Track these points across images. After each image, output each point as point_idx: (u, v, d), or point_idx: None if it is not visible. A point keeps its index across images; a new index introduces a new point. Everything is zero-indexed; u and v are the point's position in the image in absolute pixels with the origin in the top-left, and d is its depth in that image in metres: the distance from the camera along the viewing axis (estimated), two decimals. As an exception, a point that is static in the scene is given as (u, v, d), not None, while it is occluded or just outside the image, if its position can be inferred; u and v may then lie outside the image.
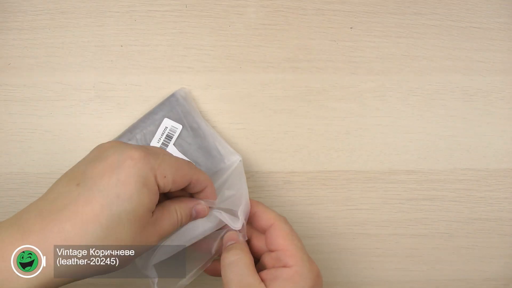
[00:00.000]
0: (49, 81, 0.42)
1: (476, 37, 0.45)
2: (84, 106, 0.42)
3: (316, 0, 0.45)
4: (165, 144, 0.40)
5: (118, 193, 0.26)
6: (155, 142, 0.40)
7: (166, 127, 0.40)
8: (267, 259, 0.34)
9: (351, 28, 0.45)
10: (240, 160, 0.40)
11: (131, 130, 0.40)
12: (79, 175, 0.27)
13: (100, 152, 0.28)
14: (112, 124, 0.42)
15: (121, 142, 0.30)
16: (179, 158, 0.32)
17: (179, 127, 0.40)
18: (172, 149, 0.40)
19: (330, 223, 0.44)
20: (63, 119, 0.42)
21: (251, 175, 0.43)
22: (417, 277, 0.44)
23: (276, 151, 0.43)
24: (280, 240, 0.32)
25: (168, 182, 0.29)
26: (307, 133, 0.43)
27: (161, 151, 0.30)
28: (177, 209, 0.31)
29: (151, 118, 0.40)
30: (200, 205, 0.33)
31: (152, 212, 0.29)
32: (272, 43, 0.44)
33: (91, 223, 0.25)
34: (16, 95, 0.42)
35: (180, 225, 0.32)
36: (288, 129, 0.43)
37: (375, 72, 0.44)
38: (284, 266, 0.31)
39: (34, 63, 0.42)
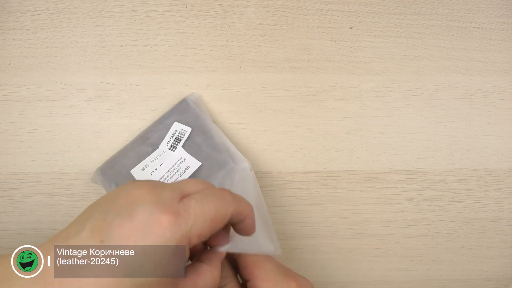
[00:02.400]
0: (49, 81, 0.42)
1: (476, 37, 0.45)
2: (84, 106, 0.42)
3: (316, 0, 0.45)
4: (173, 146, 0.39)
5: (141, 263, 0.24)
6: (164, 145, 0.39)
7: (176, 130, 0.40)
8: None
9: (351, 28, 0.45)
10: (250, 169, 0.39)
11: (143, 135, 0.41)
12: (104, 228, 0.24)
13: (128, 204, 0.25)
14: (112, 124, 0.42)
15: (152, 190, 0.25)
16: (216, 198, 0.27)
17: (188, 129, 0.40)
18: (180, 150, 0.39)
19: (330, 223, 0.44)
20: (63, 119, 0.42)
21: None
22: (417, 277, 0.44)
23: (276, 151, 0.43)
24: (249, 269, 0.31)
25: (205, 237, 0.26)
26: (307, 133, 0.43)
27: (195, 202, 0.26)
28: (213, 272, 0.28)
29: (162, 123, 0.41)
30: (223, 253, 0.30)
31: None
32: (272, 43, 0.44)
33: None
34: (16, 95, 0.42)
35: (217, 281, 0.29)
36: (288, 129, 0.43)
37: (375, 72, 0.44)
38: None
39: (34, 63, 0.42)
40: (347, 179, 0.44)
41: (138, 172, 0.39)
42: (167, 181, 0.38)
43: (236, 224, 0.29)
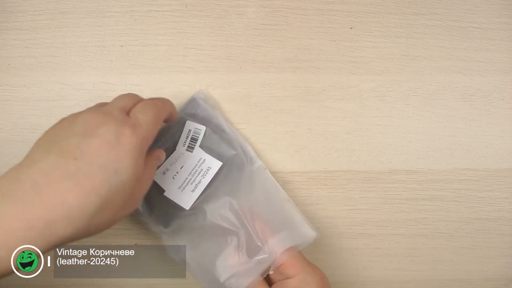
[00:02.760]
0: (49, 81, 0.42)
1: (476, 37, 0.45)
2: (84, 106, 0.42)
3: (316, 0, 0.45)
4: (190, 147, 0.39)
5: (116, 168, 0.28)
6: (181, 146, 0.39)
7: (190, 130, 0.40)
8: (273, 275, 0.35)
9: (351, 28, 0.45)
10: (265, 168, 0.40)
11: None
12: (73, 149, 0.28)
13: (90, 129, 0.29)
14: (112, 124, 0.42)
15: (105, 115, 0.30)
16: (153, 107, 0.33)
17: (203, 128, 0.40)
18: (198, 151, 0.39)
19: (330, 223, 0.44)
20: (63, 119, 0.42)
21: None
22: (417, 277, 0.44)
23: (276, 151, 0.43)
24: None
25: (153, 138, 0.32)
26: (307, 133, 0.43)
27: (140, 115, 0.32)
28: (149, 165, 0.33)
29: (174, 124, 0.40)
30: (157, 151, 0.36)
31: None
32: (272, 43, 0.44)
33: (92, 195, 0.27)
34: (16, 95, 0.42)
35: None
36: (288, 129, 0.43)
37: (375, 72, 0.44)
38: (288, 278, 0.34)
39: (34, 63, 0.42)
40: (347, 179, 0.44)
41: (160, 177, 0.39)
42: (191, 183, 0.38)
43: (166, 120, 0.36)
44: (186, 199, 0.38)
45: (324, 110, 0.44)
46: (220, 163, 0.39)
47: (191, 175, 0.39)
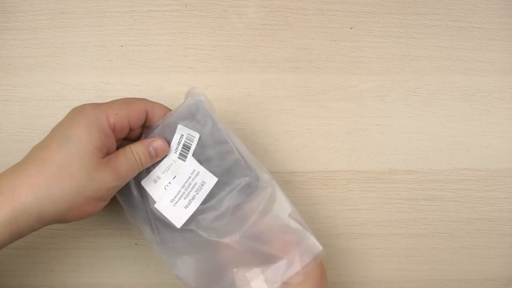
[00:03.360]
0: (49, 81, 0.42)
1: (476, 37, 0.45)
2: (84, 106, 0.42)
3: (316, 0, 0.45)
4: (183, 155, 0.35)
5: (69, 135, 0.30)
6: (172, 153, 0.35)
7: (182, 135, 0.35)
8: None
9: (351, 28, 0.45)
10: (271, 178, 0.36)
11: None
12: (49, 133, 0.31)
13: (68, 113, 0.32)
14: (112, 124, 0.42)
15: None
16: (130, 98, 0.34)
17: (196, 135, 0.35)
18: (191, 161, 0.35)
19: (330, 223, 0.44)
20: (63, 119, 0.42)
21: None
22: (417, 277, 0.44)
23: (276, 151, 0.43)
24: None
25: (122, 118, 0.32)
26: (307, 133, 0.43)
27: (113, 100, 0.33)
28: (133, 149, 0.33)
29: (163, 125, 0.35)
30: (157, 141, 0.34)
31: (107, 154, 0.32)
32: (272, 43, 0.44)
33: (48, 163, 0.29)
34: (16, 95, 0.42)
35: (141, 165, 0.33)
36: (288, 129, 0.43)
37: (375, 72, 0.44)
38: None
39: (34, 63, 0.42)
40: (347, 179, 0.44)
41: (150, 184, 0.35)
42: (185, 198, 0.35)
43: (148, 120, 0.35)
44: (178, 216, 0.34)
45: (324, 110, 0.44)
46: (216, 179, 0.35)
47: (185, 188, 0.35)
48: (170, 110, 0.36)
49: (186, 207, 0.35)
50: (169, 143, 0.35)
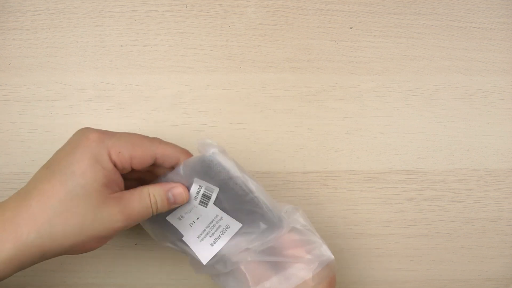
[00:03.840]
0: (49, 81, 0.42)
1: (476, 37, 0.45)
2: (84, 106, 0.42)
3: (316, 0, 0.45)
4: (204, 203, 0.34)
5: (73, 170, 0.29)
6: (193, 200, 0.34)
7: (201, 186, 0.34)
8: None
9: (351, 28, 0.45)
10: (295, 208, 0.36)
11: None
12: (51, 159, 0.30)
13: (71, 137, 0.31)
14: (112, 124, 0.42)
15: (89, 127, 0.31)
16: (139, 135, 0.32)
17: (215, 189, 0.34)
18: (213, 208, 0.34)
19: (330, 223, 0.44)
20: (63, 119, 0.42)
21: (251, 175, 0.43)
22: (417, 277, 0.44)
23: (276, 151, 0.43)
24: None
25: (125, 157, 0.30)
26: (307, 133, 0.43)
27: (122, 133, 0.32)
28: (150, 191, 0.31)
29: (177, 175, 0.33)
30: (177, 188, 0.32)
31: (118, 190, 0.31)
32: (272, 43, 0.44)
33: (52, 199, 0.28)
34: (16, 95, 0.42)
35: (156, 210, 0.32)
36: (288, 129, 0.43)
37: (375, 72, 0.44)
38: None
39: (34, 63, 0.42)
40: (347, 179, 0.44)
41: (175, 221, 0.35)
42: (211, 236, 0.34)
43: (172, 165, 0.33)
44: (204, 252, 0.34)
45: (324, 110, 0.44)
46: (240, 225, 0.34)
47: (209, 228, 0.34)
48: (184, 150, 0.33)
49: (212, 244, 0.34)
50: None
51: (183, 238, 0.35)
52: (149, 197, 0.31)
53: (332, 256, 0.34)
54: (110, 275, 0.42)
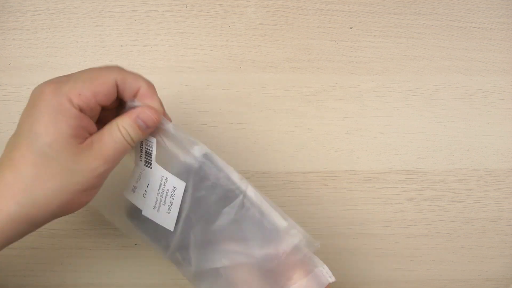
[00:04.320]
0: (49, 81, 0.42)
1: (476, 37, 0.45)
2: (84, 106, 0.42)
3: (316, 0, 0.45)
4: (148, 162, 0.33)
5: (35, 131, 0.27)
6: (139, 161, 0.33)
7: (141, 142, 0.32)
8: None
9: (351, 28, 0.45)
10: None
11: None
12: (17, 126, 0.29)
13: (29, 98, 0.29)
14: (112, 124, 0.42)
15: (44, 82, 0.29)
16: (96, 68, 0.30)
17: (153, 140, 0.32)
18: (157, 168, 0.32)
19: (330, 223, 0.44)
20: (63, 119, 0.42)
21: (251, 175, 0.43)
22: (417, 277, 0.44)
23: (276, 151, 0.43)
24: None
25: (87, 97, 0.28)
26: (307, 133, 0.43)
27: (77, 72, 0.29)
28: (119, 124, 0.29)
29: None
30: (145, 112, 0.30)
31: (89, 135, 0.29)
32: (272, 43, 0.44)
33: (22, 165, 0.27)
34: (16, 95, 0.42)
35: (131, 141, 0.30)
36: (288, 129, 0.43)
37: (375, 72, 0.44)
38: None
39: (34, 63, 0.42)
40: (347, 179, 0.44)
41: (131, 195, 0.34)
42: (164, 204, 0.33)
43: (133, 94, 0.31)
44: (166, 221, 0.33)
45: (324, 110, 0.44)
46: (184, 183, 0.32)
47: (160, 195, 0.33)
48: (144, 79, 0.31)
49: (168, 212, 0.33)
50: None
51: (143, 213, 0.33)
52: (119, 130, 0.29)
53: (333, 279, 0.32)
54: (110, 275, 0.42)
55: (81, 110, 0.28)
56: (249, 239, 0.32)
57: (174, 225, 0.33)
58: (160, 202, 0.33)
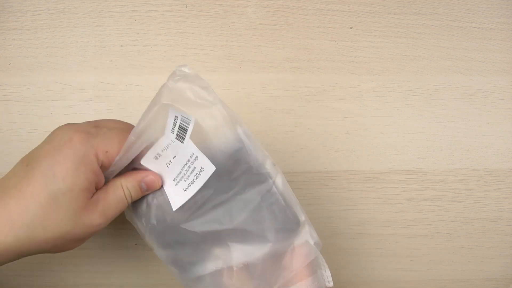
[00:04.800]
0: (49, 81, 0.42)
1: (476, 37, 0.45)
2: (84, 106, 0.42)
3: (316, 0, 0.45)
4: (180, 137, 0.31)
5: (54, 173, 0.27)
6: (169, 133, 0.31)
7: (176, 117, 0.31)
8: None
9: (351, 28, 0.45)
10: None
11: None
12: (31, 156, 0.29)
13: (51, 134, 0.30)
14: (112, 124, 0.42)
15: (72, 123, 0.30)
16: (123, 128, 0.31)
17: (192, 118, 0.30)
18: (189, 144, 0.31)
19: (330, 223, 0.44)
20: (63, 119, 0.42)
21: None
22: (417, 277, 0.44)
23: (276, 151, 0.43)
24: None
25: (112, 156, 0.29)
26: (307, 133, 0.43)
27: (106, 129, 0.30)
28: (123, 184, 0.31)
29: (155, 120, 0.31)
30: (149, 176, 0.32)
31: (96, 190, 0.30)
32: (272, 43, 0.44)
33: (31, 201, 0.27)
34: (16, 95, 0.42)
35: (131, 199, 0.31)
36: (288, 129, 0.43)
37: (375, 72, 0.44)
38: None
39: (34, 63, 0.42)
40: (347, 179, 0.44)
41: (151, 162, 0.32)
42: (185, 180, 0.32)
43: None
44: (177, 197, 0.32)
45: (324, 110, 0.44)
46: (214, 168, 0.31)
47: (185, 170, 0.32)
48: None
49: (185, 190, 0.32)
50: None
51: (163, 183, 0.33)
52: (122, 190, 0.31)
53: (331, 284, 0.32)
54: (110, 275, 0.42)
55: (103, 165, 0.29)
56: (267, 222, 0.31)
57: (181, 204, 0.32)
58: (182, 177, 0.32)
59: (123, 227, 0.42)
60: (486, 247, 0.44)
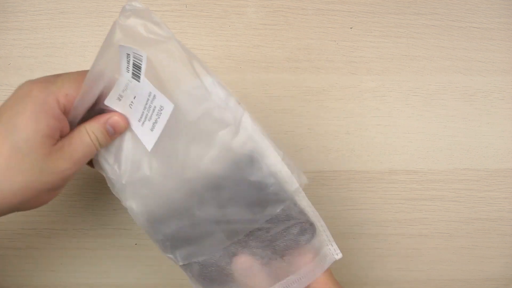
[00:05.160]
0: (49, 81, 0.42)
1: (476, 37, 0.45)
2: (84, 106, 0.42)
3: (316, 0, 0.45)
4: (136, 75, 0.30)
5: (14, 124, 0.27)
6: (125, 72, 0.30)
7: (128, 54, 0.29)
8: None
9: (351, 28, 0.45)
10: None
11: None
12: None
13: (14, 92, 0.29)
14: (112, 124, 0.42)
15: (33, 79, 0.30)
16: (83, 70, 0.30)
17: (144, 54, 0.29)
18: (146, 83, 0.30)
19: (330, 223, 0.43)
20: (63, 119, 0.42)
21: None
22: (417, 277, 0.44)
23: (276, 151, 0.43)
24: None
25: (74, 97, 0.29)
26: (307, 133, 0.43)
27: (65, 73, 0.30)
28: (88, 128, 0.30)
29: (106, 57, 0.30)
30: (114, 117, 0.31)
31: (61, 137, 0.29)
32: (272, 43, 0.44)
33: None
34: (16, 95, 0.42)
35: (99, 146, 0.30)
36: (288, 129, 0.43)
37: (375, 72, 0.44)
38: None
39: (34, 63, 0.42)
40: (347, 179, 0.44)
41: (115, 103, 0.32)
42: (149, 120, 0.31)
43: None
44: (147, 138, 0.32)
45: (324, 110, 0.44)
46: (172, 105, 0.30)
47: (146, 110, 0.31)
48: None
49: (152, 129, 0.31)
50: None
51: (130, 124, 0.32)
52: (88, 135, 0.30)
53: (340, 255, 0.33)
54: (109, 275, 0.42)
55: (64, 111, 0.29)
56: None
57: (153, 144, 0.31)
58: (146, 117, 0.31)
59: (123, 227, 0.42)
60: (486, 247, 0.44)
